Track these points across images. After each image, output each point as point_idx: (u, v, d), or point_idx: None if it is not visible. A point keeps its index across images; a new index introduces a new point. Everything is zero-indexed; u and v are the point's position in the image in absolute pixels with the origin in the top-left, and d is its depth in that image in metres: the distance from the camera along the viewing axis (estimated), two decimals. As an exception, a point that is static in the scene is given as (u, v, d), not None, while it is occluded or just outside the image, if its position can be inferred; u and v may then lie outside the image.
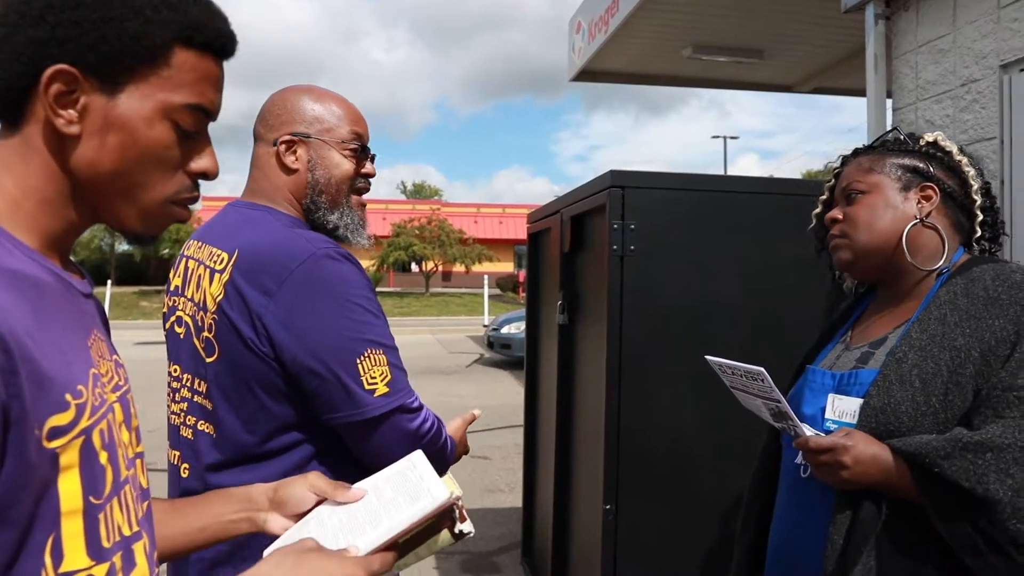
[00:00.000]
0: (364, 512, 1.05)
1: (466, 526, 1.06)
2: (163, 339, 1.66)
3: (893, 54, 3.45)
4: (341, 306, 1.41)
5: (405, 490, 1.05)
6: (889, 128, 1.69)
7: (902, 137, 1.62)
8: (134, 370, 2.01)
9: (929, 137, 1.60)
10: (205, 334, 1.47)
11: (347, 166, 1.59)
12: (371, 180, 1.66)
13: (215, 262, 1.49)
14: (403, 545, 1.00)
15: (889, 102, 3.61)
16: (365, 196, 1.67)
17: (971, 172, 1.57)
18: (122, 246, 36.59)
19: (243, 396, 1.44)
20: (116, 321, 25.02)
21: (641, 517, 2.55)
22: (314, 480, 1.11)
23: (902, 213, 1.53)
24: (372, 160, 1.66)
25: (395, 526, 0.98)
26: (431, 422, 1.48)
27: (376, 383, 1.40)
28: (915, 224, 1.52)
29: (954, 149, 1.59)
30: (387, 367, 1.42)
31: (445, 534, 1.06)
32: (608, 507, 2.53)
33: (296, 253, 1.42)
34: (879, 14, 3.43)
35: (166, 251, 34.83)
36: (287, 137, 1.56)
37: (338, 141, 1.58)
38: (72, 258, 0.94)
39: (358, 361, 1.39)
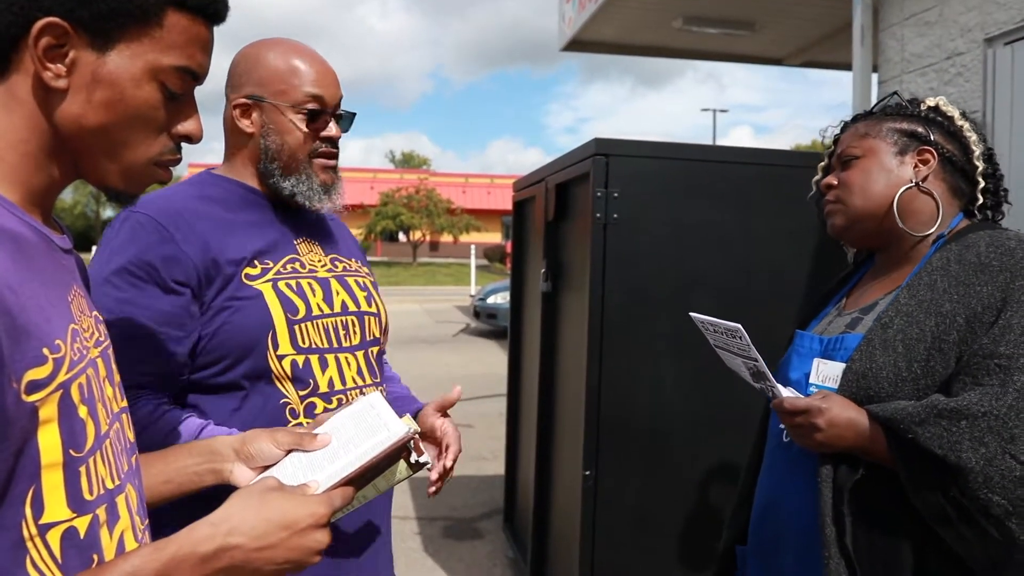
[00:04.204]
0: (323, 452, 1.07)
1: (423, 457, 1.08)
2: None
3: (880, 26, 3.45)
4: (105, 270, 1.37)
5: (364, 428, 1.08)
6: (888, 94, 1.65)
7: (902, 102, 1.59)
8: (116, 331, 2.02)
9: (931, 102, 1.57)
10: None
11: (298, 133, 1.50)
12: (336, 143, 1.56)
13: None
14: (362, 479, 1.03)
15: (875, 76, 3.61)
16: (337, 160, 1.58)
17: (973, 137, 1.53)
18: (108, 212, 36.22)
19: None
20: (101, 287, 24.85)
21: (620, 482, 2.59)
22: (280, 436, 1.12)
23: (896, 177, 1.51)
24: (339, 120, 1.56)
25: (354, 461, 1.01)
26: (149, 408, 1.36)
27: None
28: (909, 188, 1.49)
29: (956, 114, 1.55)
30: None
31: (402, 465, 1.09)
32: (588, 473, 2.57)
33: (124, 210, 1.38)
34: (867, -14, 3.43)
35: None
36: (241, 100, 1.51)
37: (292, 105, 1.49)
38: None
39: None
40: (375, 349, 1.61)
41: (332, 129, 1.53)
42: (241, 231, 1.49)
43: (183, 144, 0.95)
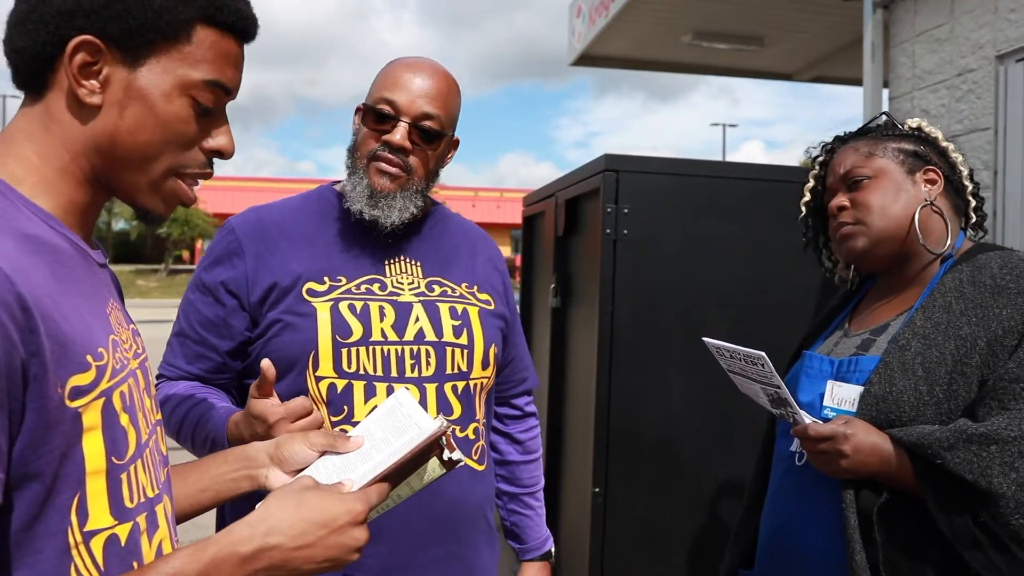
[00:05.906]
0: (356, 453, 1.07)
1: (455, 454, 1.07)
2: (160, 318, 1.71)
3: (891, 43, 3.45)
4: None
5: (395, 429, 1.08)
6: (876, 115, 1.67)
7: (894, 122, 1.59)
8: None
9: (912, 123, 1.57)
10: None
11: (363, 131, 1.53)
12: (401, 152, 1.48)
13: None
14: (396, 476, 1.02)
15: (886, 92, 3.62)
16: (400, 171, 1.49)
17: (959, 158, 1.55)
18: (118, 225, 36.50)
19: None
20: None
21: (629, 499, 2.57)
22: (314, 438, 1.11)
23: (912, 197, 1.49)
24: (420, 134, 1.48)
25: (387, 458, 1.01)
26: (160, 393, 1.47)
27: None
28: (925, 207, 1.49)
29: (939, 135, 1.57)
30: None
31: (435, 463, 1.07)
32: (597, 490, 2.55)
33: None
34: (877, 2, 3.44)
35: (163, 230, 34.82)
36: (358, 106, 1.58)
37: (368, 104, 1.52)
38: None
39: None
40: (460, 384, 1.52)
41: (396, 135, 1.47)
42: (321, 246, 1.51)
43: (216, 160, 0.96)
